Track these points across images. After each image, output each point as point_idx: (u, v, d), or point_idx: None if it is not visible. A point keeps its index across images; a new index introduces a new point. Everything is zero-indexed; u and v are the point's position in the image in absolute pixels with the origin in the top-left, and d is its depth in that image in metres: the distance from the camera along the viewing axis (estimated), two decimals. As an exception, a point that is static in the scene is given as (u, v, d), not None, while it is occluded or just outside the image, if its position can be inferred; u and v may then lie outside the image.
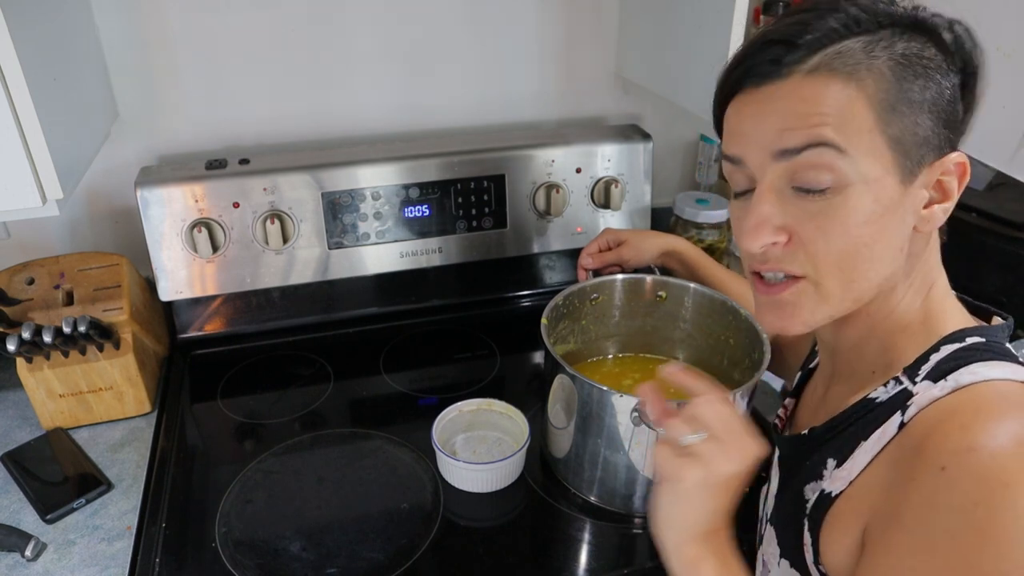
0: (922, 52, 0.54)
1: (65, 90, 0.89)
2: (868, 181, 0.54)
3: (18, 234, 1.19)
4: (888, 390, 0.58)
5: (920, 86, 0.54)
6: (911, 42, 0.55)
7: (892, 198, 0.55)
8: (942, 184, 0.57)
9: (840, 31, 0.54)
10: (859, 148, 0.53)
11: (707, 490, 0.59)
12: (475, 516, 0.89)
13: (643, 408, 0.78)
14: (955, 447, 0.50)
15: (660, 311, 1.01)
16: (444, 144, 1.21)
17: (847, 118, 0.53)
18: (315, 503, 0.90)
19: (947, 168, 0.56)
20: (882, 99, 0.53)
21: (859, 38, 0.54)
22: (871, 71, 0.53)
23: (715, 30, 0.99)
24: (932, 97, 0.54)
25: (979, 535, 0.47)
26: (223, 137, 1.22)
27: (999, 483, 0.48)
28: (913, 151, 0.54)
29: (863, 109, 0.53)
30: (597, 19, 1.30)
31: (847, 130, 0.53)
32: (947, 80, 0.55)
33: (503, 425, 0.97)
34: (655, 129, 1.30)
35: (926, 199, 0.56)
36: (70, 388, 0.99)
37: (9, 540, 0.83)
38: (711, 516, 0.60)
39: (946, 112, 0.55)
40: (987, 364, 0.55)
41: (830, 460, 0.61)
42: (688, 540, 0.60)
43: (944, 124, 0.55)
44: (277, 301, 1.21)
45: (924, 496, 0.50)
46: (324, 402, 1.08)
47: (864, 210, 0.54)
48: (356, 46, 1.21)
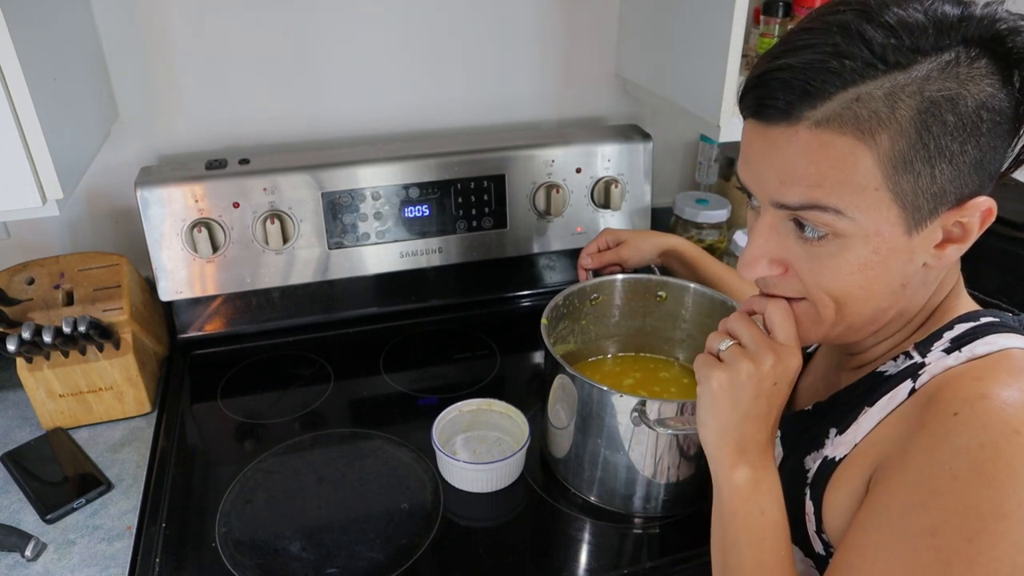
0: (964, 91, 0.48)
1: (65, 90, 0.89)
2: (868, 235, 0.53)
3: (18, 234, 1.19)
4: (898, 364, 0.59)
5: (949, 135, 0.49)
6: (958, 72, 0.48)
7: (893, 248, 0.53)
8: (962, 225, 0.54)
9: (860, 72, 0.49)
10: (860, 207, 0.52)
11: (733, 390, 0.60)
12: (475, 516, 0.89)
13: (643, 408, 0.78)
14: (967, 394, 0.51)
15: (660, 311, 1.01)
16: (444, 144, 1.21)
17: (849, 178, 0.51)
18: (315, 503, 0.90)
19: (968, 211, 0.53)
20: (895, 157, 0.50)
21: (885, 78, 0.49)
22: (889, 126, 0.49)
23: (715, 30, 0.99)
24: (961, 147, 0.49)
25: (981, 477, 0.47)
26: (223, 137, 1.22)
27: (1009, 428, 0.48)
28: (924, 204, 0.51)
29: (870, 167, 0.50)
30: (597, 19, 1.30)
31: (847, 190, 0.51)
32: (997, 117, 0.50)
33: (503, 425, 0.97)
34: (655, 129, 1.30)
35: (939, 239, 0.54)
36: (70, 388, 0.99)
37: (9, 540, 0.83)
38: (742, 421, 0.61)
39: (981, 157, 0.50)
40: (1002, 336, 0.55)
41: (831, 429, 0.62)
42: (725, 444, 0.61)
43: (975, 169, 0.51)
44: (277, 301, 1.21)
45: (933, 439, 0.50)
46: (324, 402, 1.08)
47: (860, 260, 0.54)
48: (356, 46, 1.21)
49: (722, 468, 0.62)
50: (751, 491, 0.60)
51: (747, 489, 0.60)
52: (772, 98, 0.51)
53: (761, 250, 0.57)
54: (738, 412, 0.60)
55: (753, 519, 0.60)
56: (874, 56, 0.48)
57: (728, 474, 0.61)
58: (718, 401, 0.61)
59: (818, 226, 0.54)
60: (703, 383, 0.62)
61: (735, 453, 0.61)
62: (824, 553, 0.61)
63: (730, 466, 0.61)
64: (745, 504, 0.60)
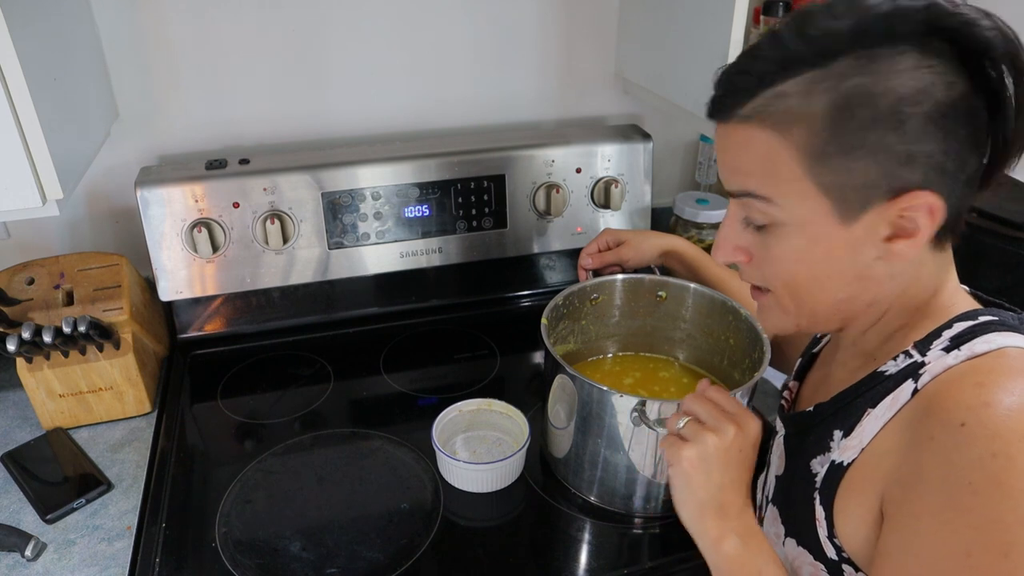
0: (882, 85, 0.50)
1: (65, 90, 0.89)
2: (801, 223, 0.56)
3: (18, 234, 1.19)
4: (898, 363, 0.58)
5: (865, 129, 0.51)
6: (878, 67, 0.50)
7: (831, 236, 0.55)
8: (906, 220, 0.54)
9: (777, 73, 0.53)
10: (787, 196, 0.55)
11: (703, 464, 0.64)
12: (475, 516, 0.89)
13: (643, 408, 0.78)
14: (971, 403, 0.51)
15: (660, 311, 1.01)
16: (444, 144, 1.21)
17: (772, 170, 0.55)
18: (315, 503, 0.90)
19: (909, 206, 0.53)
20: (812, 150, 0.53)
21: (802, 76, 0.52)
22: (803, 120, 0.52)
23: (715, 30, 0.99)
24: (880, 140, 0.51)
25: (999, 487, 0.48)
26: (223, 137, 1.22)
27: (1017, 435, 0.48)
28: (852, 195, 0.53)
29: (789, 160, 0.54)
30: (597, 19, 1.30)
31: (773, 180, 0.55)
32: (935, 111, 0.50)
33: (503, 425, 0.97)
34: (655, 129, 1.30)
35: (885, 234, 0.55)
36: (70, 388, 0.99)
37: (9, 540, 0.83)
38: (719, 491, 0.64)
39: (912, 151, 0.51)
40: (1001, 334, 0.55)
41: (836, 432, 0.61)
42: (706, 518, 0.64)
43: (904, 163, 0.51)
44: (277, 301, 1.21)
45: (944, 454, 0.50)
46: (324, 402, 1.08)
47: (798, 248, 0.57)
48: (357, 46, 1.21)
49: (709, 542, 0.64)
50: (744, 556, 0.62)
51: (740, 556, 0.62)
52: (713, 99, 0.58)
53: (725, 238, 0.62)
54: (713, 483, 0.64)
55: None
56: (789, 57, 0.52)
57: (717, 547, 0.63)
58: (692, 478, 0.64)
59: (756, 215, 0.58)
60: (674, 464, 0.66)
61: (718, 524, 0.64)
62: (836, 558, 0.61)
63: (717, 539, 0.63)
64: (742, 570, 0.62)
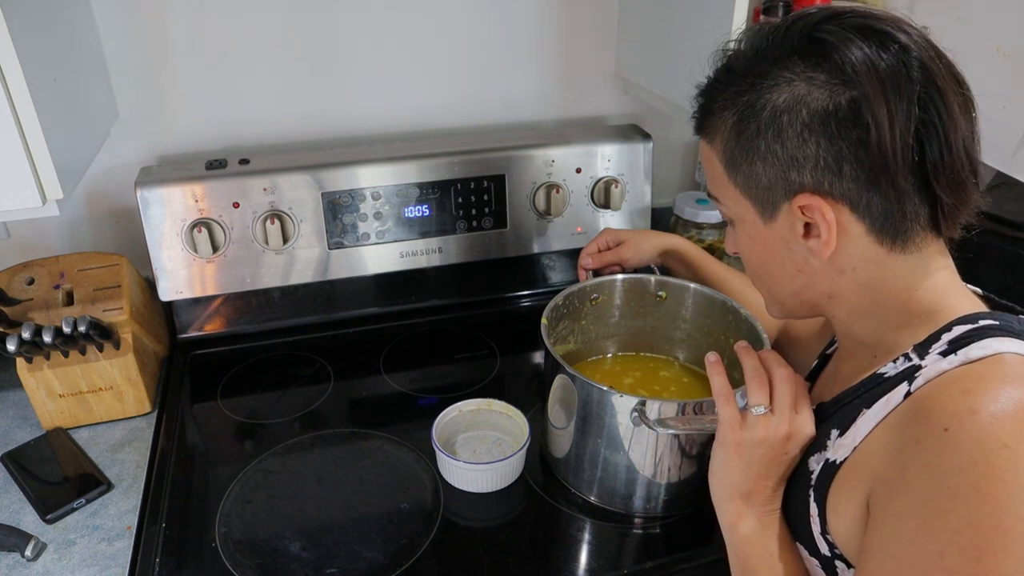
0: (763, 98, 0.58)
1: (65, 90, 0.89)
2: (739, 220, 0.66)
3: (18, 234, 1.19)
4: (897, 366, 0.59)
5: (757, 137, 0.59)
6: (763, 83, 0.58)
7: (761, 232, 0.64)
8: (810, 219, 0.59)
9: (713, 96, 0.63)
10: (725, 196, 0.65)
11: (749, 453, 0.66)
12: (475, 516, 0.89)
13: (643, 408, 0.78)
14: (957, 409, 0.51)
15: (660, 311, 1.01)
16: (444, 144, 1.21)
17: (713, 175, 0.66)
18: (315, 503, 0.90)
19: (804, 205, 0.58)
20: (726, 155, 0.63)
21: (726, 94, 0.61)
22: (720, 132, 0.62)
23: (715, 30, 0.99)
24: (768, 147, 0.58)
25: (977, 493, 0.48)
26: (223, 137, 1.22)
27: (998, 443, 0.49)
28: (762, 196, 0.61)
29: (718, 165, 0.64)
30: (597, 19, 1.30)
31: (715, 184, 0.66)
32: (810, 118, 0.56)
33: (503, 425, 0.97)
34: (655, 129, 1.30)
35: (800, 231, 0.60)
36: (70, 388, 0.99)
37: (9, 540, 0.83)
38: (752, 481, 0.66)
39: (797, 155, 0.57)
40: (999, 339, 0.55)
41: (833, 431, 0.62)
42: (732, 498, 0.67)
43: (791, 166, 0.58)
44: (277, 301, 1.21)
45: (927, 457, 0.51)
46: (324, 402, 1.08)
47: (746, 243, 0.67)
48: (356, 46, 1.21)
49: (727, 519, 0.67)
50: (759, 537, 0.66)
51: (755, 537, 0.66)
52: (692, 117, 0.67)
53: (726, 234, 0.72)
54: (750, 474, 0.66)
55: (764, 561, 0.65)
56: (716, 82, 0.63)
57: (734, 525, 0.67)
58: (733, 461, 0.67)
59: (721, 213, 0.69)
60: (722, 441, 0.67)
61: (741, 506, 0.67)
62: (828, 554, 0.61)
63: (736, 517, 0.67)
64: (755, 549, 0.66)
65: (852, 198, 0.57)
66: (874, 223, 0.58)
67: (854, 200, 0.57)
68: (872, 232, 0.58)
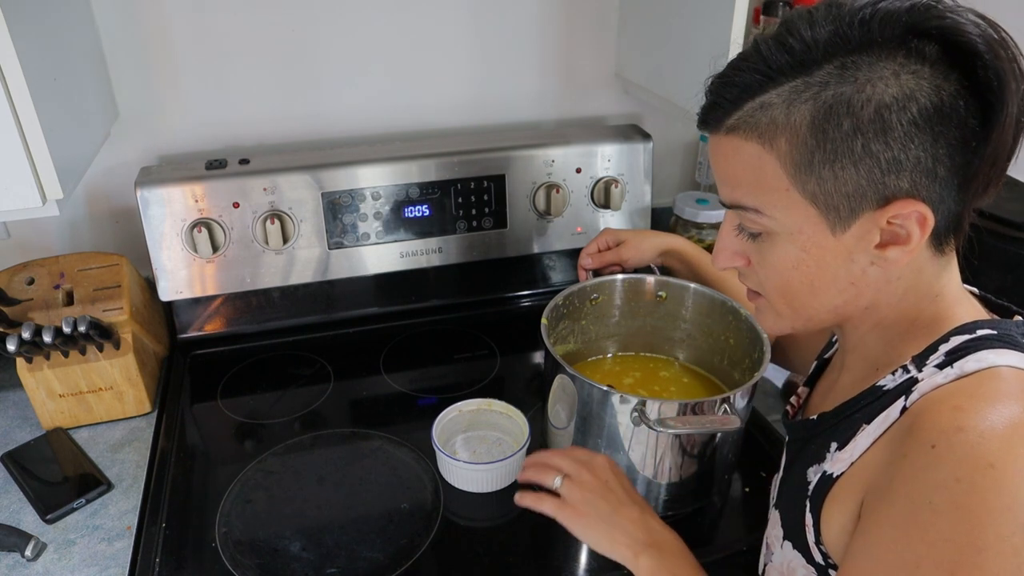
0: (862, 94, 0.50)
1: (65, 90, 0.89)
2: (792, 232, 0.57)
3: (18, 234, 1.19)
4: (896, 378, 0.58)
5: (848, 138, 0.51)
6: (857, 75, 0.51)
7: (822, 245, 0.56)
8: (897, 227, 0.54)
9: (760, 84, 0.54)
10: (776, 206, 0.56)
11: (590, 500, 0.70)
12: (475, 516, 0.89)
13: (643, 408, 0.78)
14: (945, 426, 0.51)
15: (660, 311, 1.01)
16: (444, 144, 1.21)
17: (759, 180, 0.56)
18: (315, 503, 0.90)
19: (898, 214, 0.53)
20: (796, 160, 0.53)
21: (786, 85, 0.53)
22: (786, 130, 0.53)
23: (715, 30, 0.99)
24: (864, 149, 0.51)
25: (957, 510, 0.48)
26: (223, 137, 1.22)
27: (984, 463, 0.48)
28: (840, 204, 0.54)
29: (776, 170, 0.55)
30: (597, 19, 1.30)
31: (761, 191, 0.56)
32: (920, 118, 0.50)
33: (503, 425, 0.97)
34: (655, 129, 1.30)
35: (876, 241, 0.55)
36: (70, 388, 0.99)
37: (9, 540, 0.83)
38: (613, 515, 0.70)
39: (899, 159, 0.51)
40: (995, 351, 0.54)
41: (833, 443, 0.62)
42: (616, 543, 0.69)
43: (890, 170, 0.52)
44: (277, 301, 1.21)
45: (913, 471, 0.51)
46: (324, 402, 1.08)
47: (791, 257, 0.58)
48: (356, 46, 1.21)
49: (628, 562, 0.69)
50: (660, 566, 0.67)
51: (657, 566, 0.67)
52: (702, 109, 0.59)
53: (724, 245, 0.64)
54: (606, 521, 0.70)
55: None
56: (770, 68, 0.53)
57: (635, 564, 0.68)
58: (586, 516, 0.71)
59: (749, 225, 0.59)
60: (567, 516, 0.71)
61: (628, 542, 0.69)
62: (823, 563, 0.62)
63: (631, 558, 0.68)
64: None
65: (935, 202, 0.53)
66: (938, 227, 0.54)
67: (935, 204, 0.53)
68: (931, 237, 0.55)
